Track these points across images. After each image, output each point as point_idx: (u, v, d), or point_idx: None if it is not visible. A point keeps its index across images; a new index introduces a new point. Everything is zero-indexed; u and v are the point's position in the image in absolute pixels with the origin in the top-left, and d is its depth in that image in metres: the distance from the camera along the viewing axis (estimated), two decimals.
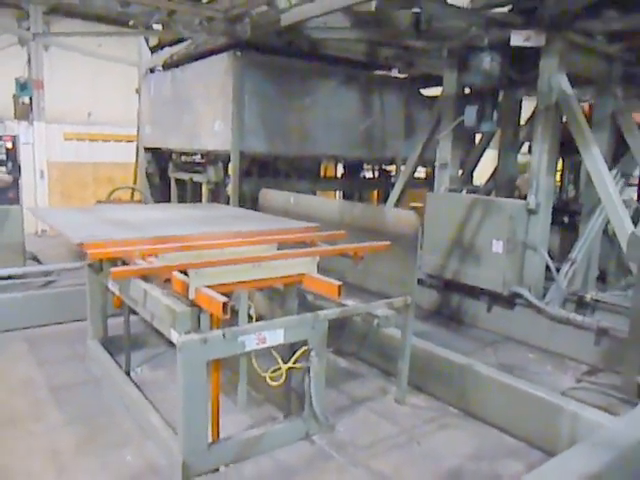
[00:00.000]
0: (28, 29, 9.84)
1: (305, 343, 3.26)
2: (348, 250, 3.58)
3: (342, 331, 4.75)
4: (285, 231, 3.93)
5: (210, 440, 3.07)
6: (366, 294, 4.78)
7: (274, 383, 3.26)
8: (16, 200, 6.66)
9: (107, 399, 3.91)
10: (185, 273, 2.95)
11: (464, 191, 5.84)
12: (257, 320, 3.29)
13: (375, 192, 9.31)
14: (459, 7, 4.93)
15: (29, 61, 10.08)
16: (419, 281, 6.10)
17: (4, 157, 6.53)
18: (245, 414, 3.58)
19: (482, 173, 7.74)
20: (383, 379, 4.34)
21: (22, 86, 9.89)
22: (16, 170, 6.65)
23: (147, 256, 3.21)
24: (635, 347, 3.94)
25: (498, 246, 5.08)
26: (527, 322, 5.19)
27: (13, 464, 3.10)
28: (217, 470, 3.06)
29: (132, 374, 4.19)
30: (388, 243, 3.68)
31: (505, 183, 6.55)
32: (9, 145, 6.57)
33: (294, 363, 3.24)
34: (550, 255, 5.76)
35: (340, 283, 3.13)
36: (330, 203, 4.87)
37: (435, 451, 3.37)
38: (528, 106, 6.44)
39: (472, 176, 7.49)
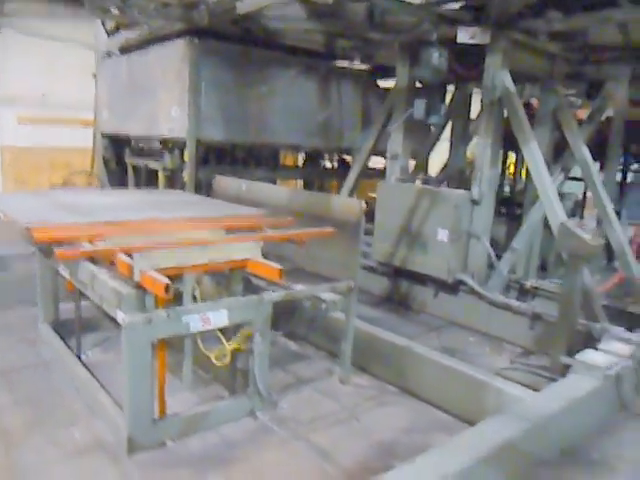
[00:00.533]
0: None
1: (250, 324, 3.41)
2: (292, 236, 3.72)
3: (293, 315, 4.91)
4: (233, 217, 4.05)
5: (156, 416, 3.19)
6: (317, 279, 4.95)
7: (219, 363, 3.40)
8: None
9: (57, 381, 3.96)
10: (131, 257, 3.04)
11: (417, 181, 6.06)
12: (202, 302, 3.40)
13: (335, 182, 9.48)
14: (409, 2, 5.09)
15: None
16: (371, 269, 6.36)
17: None
18: (192, 393, 3.71)
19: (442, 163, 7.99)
20: (329, 361, 4.52)
21: None
22: None
23: (95, 240, 3.28)
24: (562, 329, 4.24)
25: (443, 235, 5.32)
26: (469, 307, 5.46)
27: None
28: (164, 444, 3.19)
29: (83, 357, 4.25)
30: (331, 230, 3.84)
31: (455, 174, 6.82)
32: None
33: (238, 344, 3.38)
34: (497, 245, 6.07)
35: (281, 267, 3.27)
36: (280, 190, 5.00)
37: (373, 426, 3.58)
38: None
39: (427, 166, 7.74)
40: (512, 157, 9.23)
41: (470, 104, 6.79)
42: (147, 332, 2.96)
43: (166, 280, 2.78)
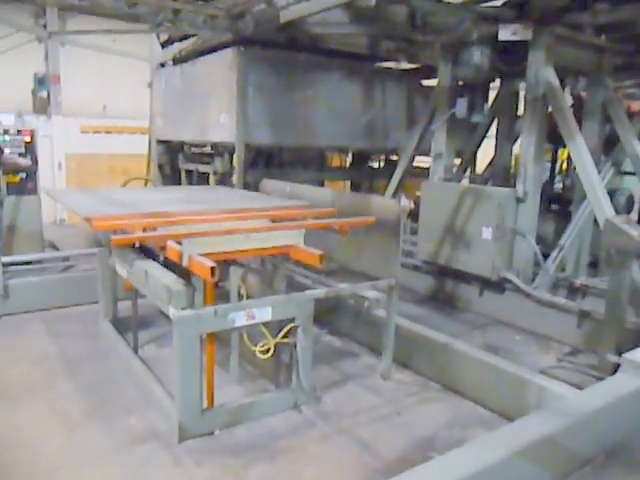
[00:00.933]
0: (44, 26, 10.23)
1: (293, 320, 3.56)
2: (334, 224, 3.82)
3: (336, 313, 5.04)
4: (278, 208, 4.21)
5: (205, 406, 3.39)
6: (360, 277, 5.06)
7: (264, 357, 3.56)
8: (34, 191, 7.02)
9: (115, 373, 4.25)
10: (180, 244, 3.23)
11: (462, 180, 6.06)
12: (248, 299, 3.58)
13: (382, 182, 9.53)
14: (449, 3, 5.12)
15: (46, 57, 10.47)
16: (416, 267, 6.40)
17: (23, 150, 6.88)
18: (239, 385, 3.90)
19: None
20: (373, 357, 4.61)
21: (40, 81, 10.30)
22: (34, 162, 7.00)
23: (147, 228, 3.47)
24: (610, 327, 4.17)
25: (487, 233, 5.30)
26: (516, 306, 5.42)
27: (29, 426, 3.46)
28: (212, 433, 3.38)
29: (139, 351, 4.54)
30: (373, 218, 3.94)
31: (501, 172, 6.75)
32: (27, 139, 6.92)
33: (282, 339, 3.54)
34: (546, 242, 5.98)
35: (321, 253, 3.36)
36: (323, 192, 5.13)
37: (413, 421, 3.65)
38: None
39: (473, 164, 7.69)
40: (565, 153, 9.00)
41: (517, 101, 6.70)
42: (196, 326, 3.16)
43: (212, 263, 2.94)
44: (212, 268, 2.93)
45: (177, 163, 8.56)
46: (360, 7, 5.76)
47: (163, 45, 8.42)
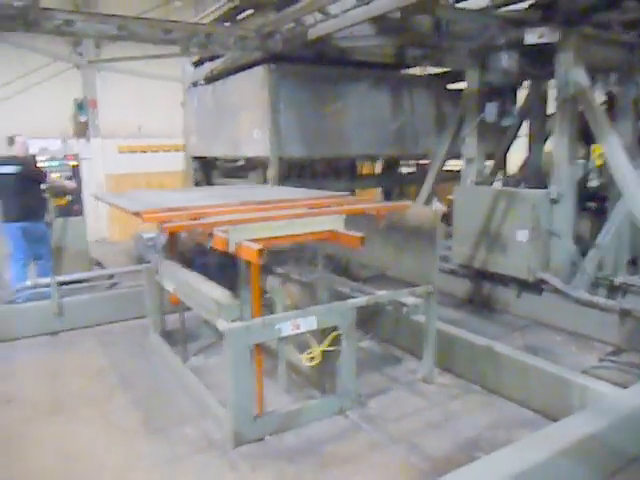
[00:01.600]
0: (81, 54, 10.70)
1: (336, 328, 3.69)
2: (371, 209, 3.91)
3: (377, 319, 5.16)
4: (316, 197, 4.38)
5: (256, 414, 3.55)
6: (398, 284, 5.17)
7: (309, 364, 3.70)
8: (80, 212, 7.38)
9: (167, 384, 4.46)
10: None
11: (495, 183, 6.09)
12: (292, 309, 3.73)
13: (414, 187, 9.60)
14: (473, 10, 5.20)
15: (84, 83, 10.94)
16: (452, 271, 6.46)
17: (70, 174, 7.25)
18: (286, 393, 4.04)
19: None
20: (414, 362, 4.70)
21: (79, 106, 10.78)
22: (79, 184, 7.36)
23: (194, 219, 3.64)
24: None
25: (522, 235, 5.34)
26: (554, 306, 5.42)
27: (92, 438, 3.68)
28: (262, 439, 3.54)
29: (188, 362, 4.74)
30: (408, 204, 4.07)
31: (534, 172, 6.76)
32: (73, 163, 7.30)
33: (326, 346, 3.67)
34: (583, 241, 5.95)
35: (363, 235, 3.45)
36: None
37: (457, 423, 3.74)
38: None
39: (505, 166, 7.71)
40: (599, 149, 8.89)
41: (546, 100, 6.71)
42: (245, 337, 3.33)
43: (259, 246, 3.07)
44: (259, 250, 3.03)
45: (212, 178, 8.83)
46: (386, 19, 5.89)
47: (195, 65, 8.73)
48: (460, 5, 5.52)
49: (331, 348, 3.71)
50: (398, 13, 5.48)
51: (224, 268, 4.98)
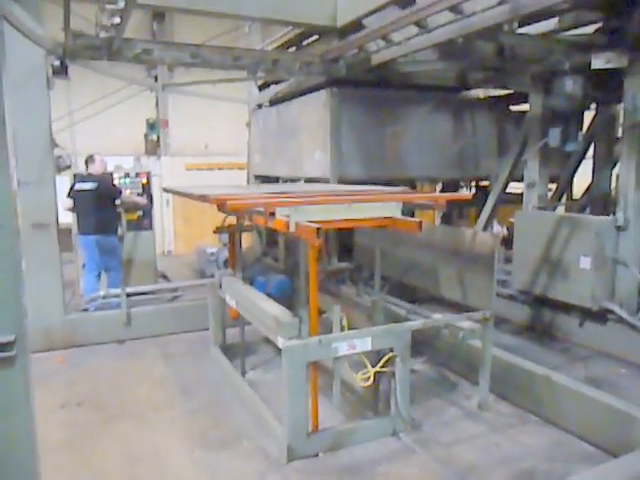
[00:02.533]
0: (156, 78, 11.35)
1: (391, 350, 3.74)
2: (430, 198, 3.92)
3: (432, 342, 5.15)
4: (377, 191, 4.43)
5: (310, 430, 3.64)
6: (454, 307, 5.16)
7: (364, 385, 3.77)
8: (150, 226, 7.80)
9: (226, 396, 4.63)
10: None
11: (558, 208, 5.95)
12: (348, 330, 3.82)
13: (474, 209, 9.51)
14: (537, 35, 5.18)
15: (157, 104, 11.58)
16: (511, 297, 6.35)
17: (141, 191, 7.70)
18: (339, 411, 4.11)
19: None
20: (469, 387, 4.66)
21: (151, 126, 11.42)
22: (150, 200, 7.79)
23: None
24: None
25: (586, 262, 5.20)
26: (620, 337, 5.22)
27: (155, 442, 3.89)
28: (316, 455, 3.62)
29: (246, 376, 4.91)
30: (469, 195, 4.03)
31: (600, 198, 6.57)
32: (144, 181, 7.75)
33: (381, 368, 3.73)
34: None
35: (420, 220, 3.53)
36: None
37: (512, 452, 3.68)
38: None
39: (570, 190, 7.52)
40: None
41: (614, 124, 6.53)
42: (303, 355, 3.44)
43: (317, 225, 3.17)
44: (317, 229, 3.14)
45: None
46: (448, 44, 5.95)
47: (260, 88, 9.08)
48: (524, 30, 5.50)
49: (385, 370, 3.76)
50: (460, 39, 5.54)
51: (283, 285, 5.16)
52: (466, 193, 4.16)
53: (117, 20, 4.34)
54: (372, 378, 3.71)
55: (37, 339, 5.58)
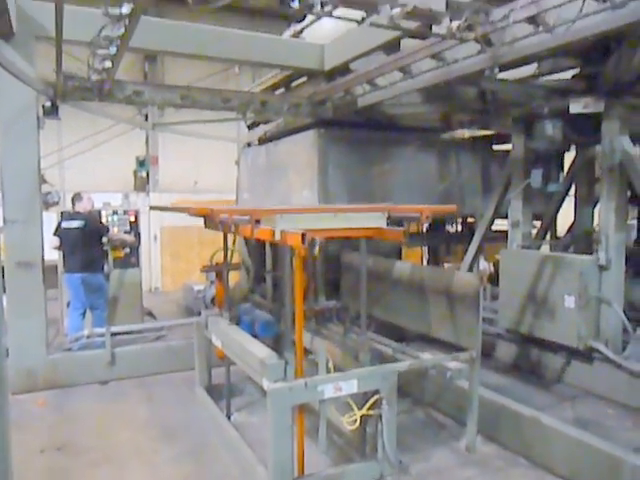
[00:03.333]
0: (146, 116, 11.49)
1: (377, 392, 3.72)
2: (415, 210, 3.93)
3: (419, 382, 5.13)
4: (368, 207, 4.41)
5: (296, 475, 3.57)
6: (441, 346, 5.15)
7: (350, 428, 3.72)
8: (136, 264, 7.77)
9: (211, 439, 4.55)
10: None
11: (543, 246, 6.03)
12: (334, 371, 3.80)
13: (460, 245, 9.59)
14: (517, 81, 5.36)
15: (147, 142, 11.69)
16: (498, 335, 6.37)
17: (128, 228, 7.70)
18: (326, 455, 4.05)
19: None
20: (458, 428, 4.62)
21: (141, 163, 11.51)
22: (138, 238, 7.79)
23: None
24: None
25: (570, 301, 5.24)
26: (607, 377, 5.23)
27: None
28: None
29: (231, 418, 4.83)
30: (454, 207, 4.36)
31: (582, 236, 6.68)
32: (132, 218, 7.76)
33: (367, 410, 3.70)
34: (637, 308, 5.78)
35: (404, 228, 3.58)
36: (403, 265, 5.33)
37: None
38: None
39: (553, 229, 7.64)
40: None
41: (593, 165, 6.70)
42: (288, 398, 3.41)
43: (302, 231, 3.18)
44: (303, 235, 3.14)
45: None
46: (431, 88, 6.13)
47: (249, 127, 9.23)
48: (505, 74, 5.70)
49: (372, 412, 3.72)
50: (443, 84, 5.72)
51: (269, 326, 5.14)
52: (451, 206, 4.24)
53: (109, 64, 4.43)
54: (358, 421, 3.67)
55: (18, 380, 5.47)
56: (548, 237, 7.55)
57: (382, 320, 5.53)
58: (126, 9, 3.07)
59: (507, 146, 8.05)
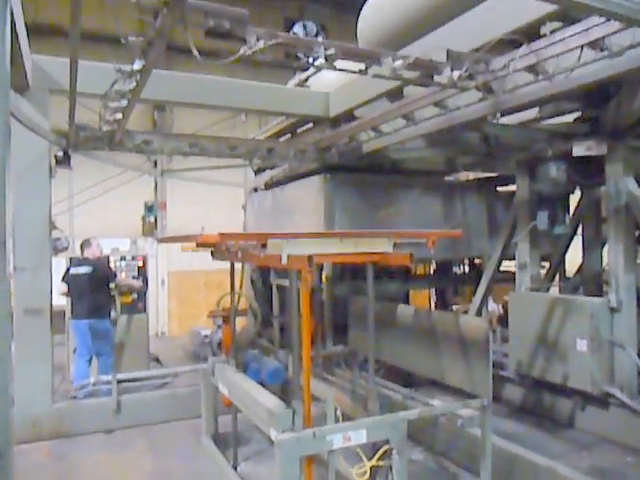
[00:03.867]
0: (155, 162, 11.73)
1: (387, 442, 3.63)
2: (422, 235, 3.93)
3: (431, 430, 5.00)
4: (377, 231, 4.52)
5: None
6: (450, 391, 5.05)
7: (360, 479, 3.62)
8: (143, 309, 7.76)
9: None
10: None
11: (552, 288, 5.97)
12: (343, 420, 3.72)
13: (468, 287, 9.55)
14: (519, 125, 5.45)
15: (155, 188, 11.88)
16: (509, 379, 6.24)
17: (136, 273, 7.73)
18: None
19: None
20: (470, 478, 4.47)
21: (149, 208, 11.66)
22: (145, 283, 7.81)
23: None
24: None
25: (582, 345, 5.16)
26: (623, 423, 5.09)
27: None
28: None
29: (238, 468, 4.71)
30: (459, 231, 4.45)
31: (591, 277, 6.63)
32: (140, 264, 7.81)
33: (377, 461, 3.60)
34: None
35: (411, 252, 3.55)
36: (408, 309, 5.30)
37: None
38: None
39: (562, 270, 7.59)
40: None
41: (599, 206, 6.71)
42: (296, 449, 3.33)
43: (308, 254, 3.15)
44: (309, 257, 3.11)
45: (269, 279, 9.12)
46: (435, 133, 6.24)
47: (256, 173, 9.38)
48: (507, 118, 5.80)
49: (382, 463, 3.62)
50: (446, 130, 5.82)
51: (277, 373, 5.08)
52: (456, 231, 4.29)
53: (120, 116, 4.56)
54: (369, 472, 3.58)
55: (23, 430, 5.39)
56: (557, 278, 7.50)
57: (390, 365, 5.45)
58: (137, 65, 3.18)
59: (512, 187, 8.12)
